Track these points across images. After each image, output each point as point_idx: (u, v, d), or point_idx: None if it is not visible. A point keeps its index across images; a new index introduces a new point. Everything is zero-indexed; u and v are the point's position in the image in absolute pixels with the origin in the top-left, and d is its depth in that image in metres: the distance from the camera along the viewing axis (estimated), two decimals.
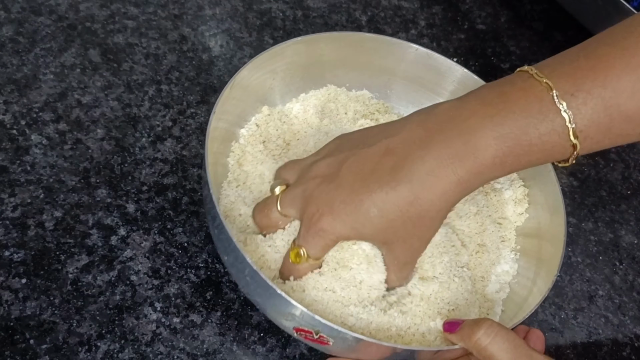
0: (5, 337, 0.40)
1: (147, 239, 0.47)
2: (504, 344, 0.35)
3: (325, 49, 0.51)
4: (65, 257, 0.45)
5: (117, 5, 0.61)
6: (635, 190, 0.62)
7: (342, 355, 0.40)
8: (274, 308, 0.38)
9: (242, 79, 0.45)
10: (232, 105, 0.45)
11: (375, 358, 0.38)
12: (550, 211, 0.47)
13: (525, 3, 0.78)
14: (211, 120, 0.41)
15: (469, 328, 0.36)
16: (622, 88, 0.33)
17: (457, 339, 0.37)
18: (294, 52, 0.49)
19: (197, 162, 0.52)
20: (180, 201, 0.50)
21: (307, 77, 0.52)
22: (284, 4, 0.67)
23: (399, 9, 0.71)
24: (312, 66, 0.52)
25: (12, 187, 0.47)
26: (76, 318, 0.42)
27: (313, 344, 0.38)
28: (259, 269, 0.36)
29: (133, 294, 0.44)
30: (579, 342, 0.51)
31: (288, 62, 0.49)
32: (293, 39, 0.48)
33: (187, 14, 0.63)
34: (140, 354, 0.42)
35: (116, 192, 0.49)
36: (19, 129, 0.50)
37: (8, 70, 0.53)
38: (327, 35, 0.51)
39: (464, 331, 0.37)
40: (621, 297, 0.54)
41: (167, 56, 0.58)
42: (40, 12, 0.58)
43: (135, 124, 0.53)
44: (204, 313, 0.45)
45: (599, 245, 0.57)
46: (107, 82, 0.55)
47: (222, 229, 0.37)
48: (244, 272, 0.37)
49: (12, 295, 0.42)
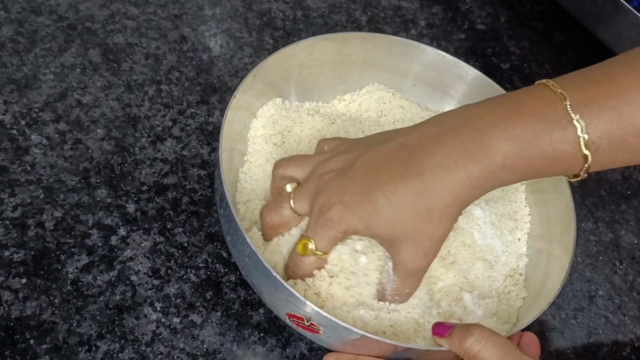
0: (5, 337, 0.40)
1: (147, 239, 0.47)
2: (496, 351, 0.35)
3: (354, 48, 0.52)
4: (65, 257, 0.45)
5: (117, 5, 0.61)
6: (635, 190, 0.62)
7: (338, 349, 0.40)
8: (269, 291, 0.38)
9: (266, 68, 0.46)
10: (251, 95, 0.46)
11: (370, 352, 0.38)
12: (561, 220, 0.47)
13: (525, 3, 0.78)
14: (231, 102, 0.43)
15: (460, 334, 0.36)
16: (637, 102, 0.33)
17: (447, 344, 0.37)
18: (322, 48, 0.50)
19: (197, 162, 0.52)
20: (180, 201, 0.50)
21: (334, 75, 0.53)
22: (284, 4, 0.67)
23: (399, 9, 0.71)
24: (341, 65, 0.52)
25: (12, 187, 0.47)
26: (76, 318, 0.42)
27: (305, 332, 0.38)
28: (256, 248, 0.36)
29: (133, 294, 0.44)
30: (579, 342, 0.51)
31: (315, 58, 0.50)
32: (323, 35, 0.50)
33: (187, 14, 0.63)
34: (140, 354, 0.42)
35: (116, 192, 0.49)
36: (19, 129, 0.50)
37: (8, 70, 0.53)
38: (357, 35, 0.53)
39: (454, 337, 0.36)
40: (621, 297, 0.54)
41: (167, 56, 0.58)
42: (40, 12, 0.58)
43: (135, 124, 0.53)
44: (204, 313, 0.45)
45: (599, 245, 0.57)
46: (107, 82, 0.55)
47: (227, 207, 0.38)
48: (244, 253, 0.38)
49: (12, 295, 0.42)
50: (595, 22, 0.66)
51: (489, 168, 0.35)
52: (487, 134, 0.35)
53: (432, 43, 0.69)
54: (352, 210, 0.38)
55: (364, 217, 0.37)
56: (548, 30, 0.76)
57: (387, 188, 0.37)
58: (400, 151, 0.38)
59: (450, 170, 0.36)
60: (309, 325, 0.37)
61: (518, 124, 0.34)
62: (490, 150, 0.35)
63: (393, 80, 0.55)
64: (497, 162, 0.35)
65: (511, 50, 0.72)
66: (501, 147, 0.35)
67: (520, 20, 0.75)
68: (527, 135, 0.34)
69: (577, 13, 0.68)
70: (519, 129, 0.34)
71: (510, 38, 0.73)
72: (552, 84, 0.35)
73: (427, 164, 0.36)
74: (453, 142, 0.36)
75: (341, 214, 0.38)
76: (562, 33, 0.76)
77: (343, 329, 0.35)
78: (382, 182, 0.37)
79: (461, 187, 0.36)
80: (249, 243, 0.37)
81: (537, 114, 0.34)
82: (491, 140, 0.35)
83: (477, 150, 0.35)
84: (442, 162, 0.36)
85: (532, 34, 0.74)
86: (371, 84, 0.55)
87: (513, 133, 0.34)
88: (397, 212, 0.37)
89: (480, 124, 0.36)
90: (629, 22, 0.60)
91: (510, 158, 0.35)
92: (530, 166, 0.35)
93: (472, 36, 0.71)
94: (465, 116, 0.37)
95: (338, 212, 0.38)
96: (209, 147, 0.53)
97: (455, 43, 0.70)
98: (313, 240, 0.39)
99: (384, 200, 0.37)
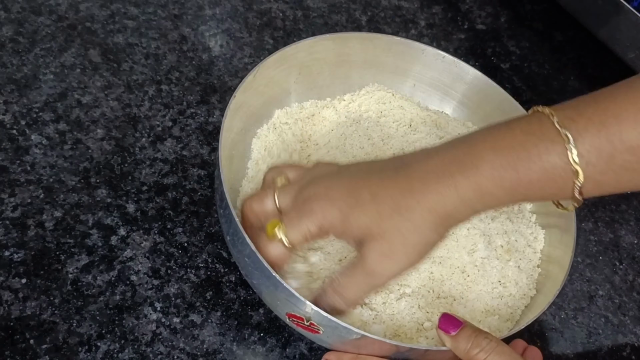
0: (5, 337, 0.40)
1: (147, 239, 0.47)
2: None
3: (354, 48, 0.52)
4: (65, 257, 0.45)
5: (117, 5, 0.61)
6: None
7: (338, 349, 0.40)
8: (269, 291, 0.38)
9: (266, 68, 0.46)
10: (251, 95, 0.46)
11: (370, 351, 0.38)
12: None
13: (525, 3, 0.78)
14: (231, 102, 0.43)
15: (467, 340, 0.36)
16: (624, 117, 0.33)
17: (451, 344, 0.37)
18: (322, 48, 0.50)
19: (197, 162, 0.52)
20: (180, 201, 0.50)
21: (334, 75, 0.53)
22: (284, 4, 0.67)
23: (399, 9, 0.71)
24: (341, 65, 0.53)
25: (12, 187, 0.47)
26: (76, 318, 0.42)
27: (305, 332, 0.39)
28: (256, 249, 0.36)
29: (133, 294, 0.44)
30: (579, 342, 0.51)
31: (315, 58, 0.50)
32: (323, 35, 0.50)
33: (187, 14, 0.63)
34: (140, 354, 0.42)
35: (116, 192, 0.49)
36: (19, 129, 0.50)
37: (8, 70, 0.53)
38: (357, 35, 0.53)
39: (461, 341, 0.36)
40: (621, 297, 0.54)
41: (167, 56, 0.58)
42: (40, 12, 0.58)
43: (135, 124, 0.53)
44: (204, 313, 0.45)
45: (599, 245, 0.57)
46: (107, 82, 0.55)
47: (227, 207, 0.38)
48: (244, 253, 0.38)
49: (12, 295, 0.42)
50: (595, 22, 0.66)
51: (477, 181, 0.35)
52: (475, 147, 0.35)
53: (432, 43, 0.69)
54: (333, 203, 0.37)
55: (344, 210, 0.37)
56: (548, 30, 0.76)
57: (373, 183, 0.37)
58: (394, 160, 0.39)
59: (439, 177, 0.35)
60: (309, 325, 0.37)
61: (505, 137, 0.35)
62: (479, 162, 0.35)
63: (393, 80, 0.55)
64: (485, 174, 0.35)
65: (511, 50, 0.72)
66: (489, 158, 0.35)
67: (520, 20, 0.75)
68: (515, 147, 0.34)
69: (577, 13, 0.68)
70: (506, 140, 0.34)
71: (510, 38, 0.73)
72: (542, 107, 0.35)
73: (417, 169, 0.36)
74: (445, 154, 0.36)
75: (323, 207, 0.37)
76: (562, 33, 0.76)
77: (343, 328, 0.35)
78: (371, 182, 0.37)
79: (449, 198, 0.35)
80: (249, 243, 0.37)
81: (525, 129, 0.35)
82: (480, 153, 0.35)
83: (466, 162, 0.35)
84: (433, 169, 0.36)
85: (532, 34, 0.74)
86: (371, 84, 0.55)
87: (501, 144, 0.35)
88: (379, 206, 0.36)
89: (471, 140, 0.36)
90: (629, 22, 0.60)
91: (498, 169, 0.34)
92: (520, 180, 0.34)
93: (472, 36, 0.72)
94: (458, 138, 0.38)
95: (320, 204, 0.37)
96: (209, 147, 0.53)
97: (455, 43, 0.70)
98: (284, 226, 0.38)
99: (368, 194, 0.37)
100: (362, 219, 0.37)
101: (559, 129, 0.33)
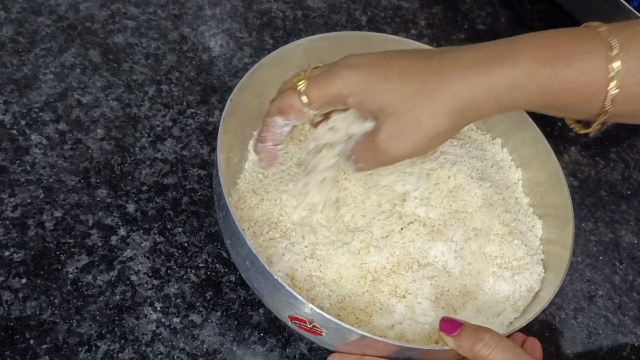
0: (5, 337, 0.40)
1: (147, 239, 0.47)
2: (505, 354, 0.35)
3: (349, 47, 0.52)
4: (65, 257, 0.45)
5: (117, 5, 0.61)
6: (635, 190, 0.62)
7: (341, 350, 0.40)
8: (271, 295, 0.38)
9: (263, 68, 0.46)
10: (248, 95, 0.46)
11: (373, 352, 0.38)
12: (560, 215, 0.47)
13: (525, 3, 0.78)
14: (228, 102, 0.43)
15: (469, 337, 0.36)
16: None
17: (453, 344, 0.37)
18: (318, 48, 0.50)
19: (197, 162, 0.52)
20: (180, 201, 0.50)
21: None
22: (284, 4, 0.67)
23: (399, 9, 0.71)
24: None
25: (12, 187, 0.47)
26: (76, 318, 0.42)
27: (307, 334, 0.38)
28: (258, 253, 0.36)
29: (133, 294, 0.44)
30: (579, 342, 0.51)
31: (311, 58, 0.50)
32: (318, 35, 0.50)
33: (187, 14, 0.63)
34: (140, 354, 0.42)
35: (116, 192, 0.49)
36: (19, 129, 0.50)
37: (8, 70, 0.53)
38: (352, 35, 0.52)
39: (463, 339, 0.37)
40: (621, 297, 0.54)
41: (167, 56, 0.58)
42: (40, 12, 0.58)
43: (135, 124, 0.53)
44: (204, 313, 0.45)
45: (599, 245, 0.57)
46: (107, 82, 0.55)
47: (227, 211, 0.38)
48: (245, 256, 0.38)
49: (12, 295, 0.42)
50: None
51: (512, 72, 0.35)
52: (518, 43, 0.35)
53: (432, 43, 0.69)
54: (361, 71, 0.37)
55: (370, 79, 0.37)
56: None
57: (405, 62, 0.37)
58: (428, 50, 0.39)
59: (473, 65, 0.35)
60: (312, 328, 0.37)
61: (551, 35, 0.35)
62: (519, 55, 0.35)
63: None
64: (522, 66, 0.34)
65: None
66: (529, 50, 0.35)
67: (520, 20, 0.75)
68: (558, 44, 0.34)
69: (577, 13, 0.68)
70: (552, 39, 0.35)
71: None
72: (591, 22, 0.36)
73: (452, 57, 0.36)
74: (482, 48, 0.36)
75: (349, 72, 0.37)
76: None
77: (345, 330, 0.35)
78: (403, 61, 0.37)
79: (477, 85, 0.35)
80: (249, 246, 0.36)
81: (572, 33, 0.35)
82: (521, 48, 0.35)
83: (506, 55, 0.35)
84: (469, 58, 0.36)
85: None
86: None
87: (545, 41, 0.35)
88: (405, 83, 0.36)
89: (514, 39, 0.36)
90: None
91: (536, 62, 0.34)
92: (556, 77, 0.34)
93: (472, 36, 0.71)
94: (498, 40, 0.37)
95: (348, 70, 0.37)
96: (209, 147, 0.53)
97: (455, 43, 0.70)
98: (307, 82, 0.38)
99: (398, 70, 0.36)
100: (384, 93, 0.36)
101: (607, 34, 0.34)
